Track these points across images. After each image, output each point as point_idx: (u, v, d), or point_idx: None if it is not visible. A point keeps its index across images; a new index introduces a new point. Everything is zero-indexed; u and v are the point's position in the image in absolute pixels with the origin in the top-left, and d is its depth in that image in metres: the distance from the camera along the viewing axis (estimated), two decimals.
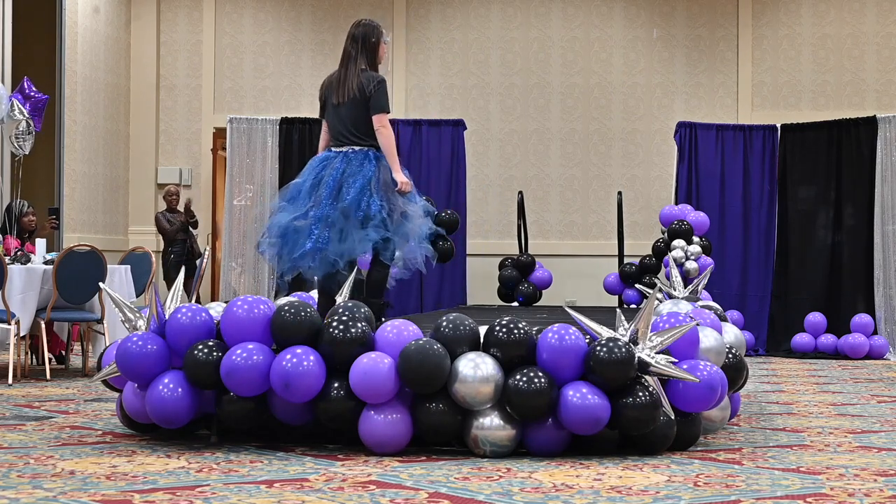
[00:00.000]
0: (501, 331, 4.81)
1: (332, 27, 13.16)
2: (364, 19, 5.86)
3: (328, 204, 5.56)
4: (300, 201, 5.64)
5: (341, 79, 5.70)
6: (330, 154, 5.73)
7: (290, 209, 5.63)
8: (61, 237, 11.19)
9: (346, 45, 5.77)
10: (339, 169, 5.63)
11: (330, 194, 5.58)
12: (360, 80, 5.69)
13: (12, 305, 7.78)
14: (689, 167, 11.35)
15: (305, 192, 5.66)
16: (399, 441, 4.74)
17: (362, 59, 5.72)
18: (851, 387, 7.93)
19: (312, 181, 5.67)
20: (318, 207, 5.57)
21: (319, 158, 5.75)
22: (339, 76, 5.73)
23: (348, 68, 5.70)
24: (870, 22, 12.67)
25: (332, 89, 5.74)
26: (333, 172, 5.62)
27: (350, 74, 5.69)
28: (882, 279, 10.81)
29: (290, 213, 5.62)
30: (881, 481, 4.15)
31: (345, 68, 5.72)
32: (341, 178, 5.60)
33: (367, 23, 5.81)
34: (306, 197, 5.63)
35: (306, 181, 5.71)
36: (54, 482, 4.04)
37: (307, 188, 5.66)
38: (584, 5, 12.96)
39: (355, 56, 5.71)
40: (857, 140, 11.11)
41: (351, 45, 5.73)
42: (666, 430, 4.79)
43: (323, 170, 5.67)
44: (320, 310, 5.51)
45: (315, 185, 5.65)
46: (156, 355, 4.89)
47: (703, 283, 6.82)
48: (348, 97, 5.66)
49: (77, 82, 11.85)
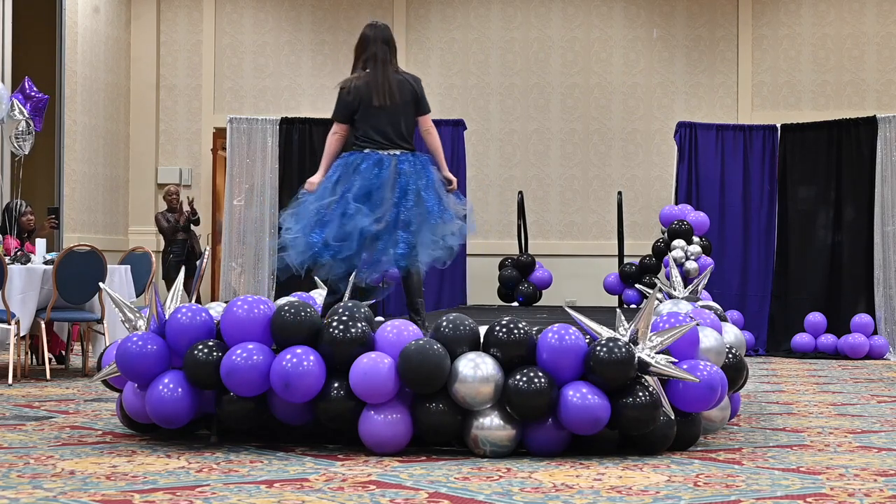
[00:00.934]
0: (501, 331, 4.81)
1: (332, 27, 13.16)
2: (378, 21, 5.77)
3: (405, 208, 5.46)
4: (369, 204, 5.46)
5: (380, 81, 5.55)
6: (378, 156, 5.55)
7: (366, 212, 5.44)
8: (61, 237, 11.19)
9: (375, 47, 5.62)
10: (405, 172, 5.51)
11: (403, 197, 5.47)
12: (409, 82, 5.64)
13: (12, 305, 7.78)
14: (689, 167, 11.35)
15: (362, 195, 5.48)
16: (399, 441, 4.74)
17: (395, 61, 5.66)
18: (851, 387, 7.93)
19: (369, 184, 5.49)
20: (394, 211, 5.44)
21: (369, 162, 5.54)
22: (377, 78, 5.56)
23: (386, 71, 5.57)
24: (870, 22, 12.67)
25: (371, 91, 5.54)
26: (399, 177, 5.49)
27: (390, 77, 5.57)
28: (882, 279, 10.80)
29: (367, 216, 5.43)
30: (881, 481, 4.15)
31: (380, 71, 5.57)
32: (407, 182, 5.49)
33: (386, 25, 5.75)
34: (365, 199, 5.47)
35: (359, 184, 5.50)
36: (54, 482, 4.04)
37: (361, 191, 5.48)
38: (584, 5, 12.96)
39: (389, 58, 5.61)
40: (857, 140, 11.10)
41: (381, 46, 5.60)
42: (666, 430, 4.79)
43: (379, 173, 5.50)
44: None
45: (373, 189, 5.48)
46: (156, 355, 4.89)
47: (703, 283, 6.82)
48: (397, 99, 5.55)
49: (77, 82, 11.85)
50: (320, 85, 13.11)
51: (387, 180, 5.45)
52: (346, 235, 5.42)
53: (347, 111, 5.58)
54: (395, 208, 5.44)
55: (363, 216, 5.39)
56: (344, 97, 5.58)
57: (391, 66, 5.59)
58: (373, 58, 5.59)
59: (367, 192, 5.45)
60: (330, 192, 5.52)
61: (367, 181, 5.47)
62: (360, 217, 5.40)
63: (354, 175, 5.47)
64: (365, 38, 5.65)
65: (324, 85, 13.12)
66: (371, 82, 5.56)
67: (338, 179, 5.51)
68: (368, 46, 5.61)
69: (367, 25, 5.73)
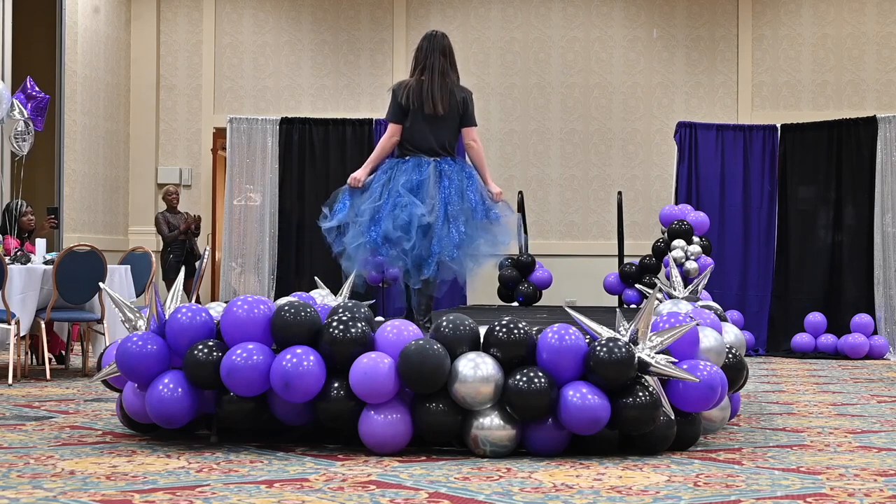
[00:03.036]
0: (501, 331, 4.81)
1: (332, 27, 13.16)
2: (437, 31, 5.89)
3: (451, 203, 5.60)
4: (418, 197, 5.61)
5: (434, 90, 5.70)
6: (418, 159, 5.71)
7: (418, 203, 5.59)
8: (61, 237, 11.19)
9: (434, 57, 5.76)
10: (446, 172, 5.68)
11: (448, 194, 5.62)
12: (463, 95, 5.77)
13: (12, 305, 7.78)
14: (689, 167, 11.35)
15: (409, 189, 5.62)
16: (399, 441, 4.74)
17: (453, 72, 5.79)
18: (851, 387, 7.93)
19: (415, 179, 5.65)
20: (442, 206, 5.59)
21: (410, 164, 5.70)
22: (431, 87, 5.71)
23: (443, 81, 5.72)
24: (870, 22, 12.67)
25: (422, 99, 5.69)
26: (441, 177, 5.65)
27: (445, 87, 5.72)
28: (882, 279, 10.81)
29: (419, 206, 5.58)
30: (881, 481, 4.15)
31: (436, 80, 5.72)
32: (450, 180, 5.65)
33: (444, 34, 5.87)
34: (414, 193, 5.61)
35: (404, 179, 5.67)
36: (54, 482, 4.04)
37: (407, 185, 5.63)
38: (584, 5, 12.96)
39: (447, 69, 5.75)
40: (857, 140, 11.11)
41: (438, 57, 5.75)
42: (666, 430, 4.79)
43: (421, 172, 5.66)
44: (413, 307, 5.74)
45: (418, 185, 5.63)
46: (156, 355, 4.89)
47: (703, 283, 6.82)
48: (446, 110, 5.70)
49: (77, 82, 11.85)
50: (320, 85, 13.12)
51: (429, 177, 5.61)
52: (402, 226, 5.56)
53: (400, 112, 5.74)
54: (442, 204, 5.57)
55: (415, 206, 5.54)
56: (397, 99, 5.73)
57: (446, 77, 5.73)
58: (429, 68, 5.73)
59: (413, 188, 5.61)
60: (378, 194, 5.68)
61: (411, 178, 5.64)
62: (412, 207, 5.55)
63: (399, 175, 5.66)
64: (422, 48, 5.81)
65: (324, 85, 13.13)
66: (423, 90, 5.71)
67: (384, 183, 5.68)
68: (426, 56, 5.76)
69: (426, 35, 5.88)
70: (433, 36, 5.81)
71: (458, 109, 5.72)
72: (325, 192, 11.79)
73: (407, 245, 5.57)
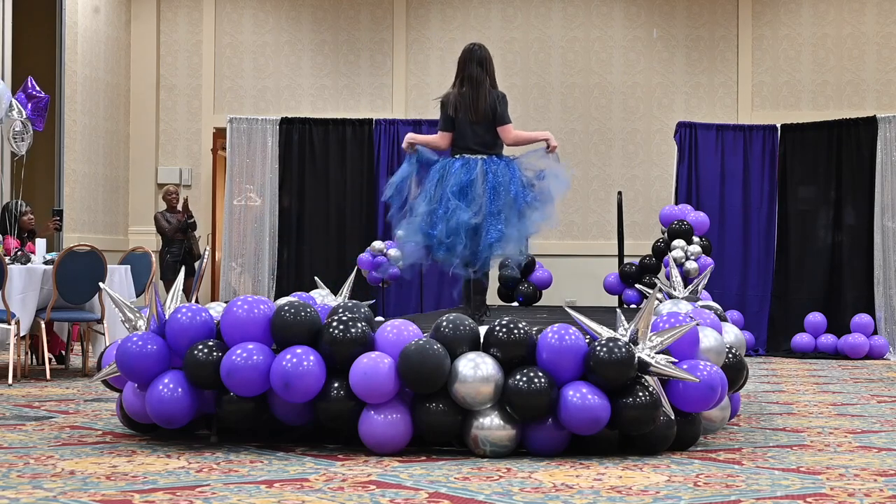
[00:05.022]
0: (501, 331, 4.81)
1: (332, 27, 13.16)
2: (476, 44, 6.54)
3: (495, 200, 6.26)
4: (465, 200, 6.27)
5: (474, 99, 6.38)
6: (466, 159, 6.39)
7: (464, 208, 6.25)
8: (61, 237, 11.19)
9: (471, 68, 6.43)
10: (492, 171, 6.34)
11: (493, 192, 6.27)
12: (492, 100, 6.43)
13: (12, 305, 7.78)
14: (689, 167, 11.35)
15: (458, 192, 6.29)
16: (399, 441, 4.74)
17: (488, 80, 6.44)
18: (851, 387, 7.93)
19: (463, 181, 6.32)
20: (487, 205, 6.25)
21: (459, 163, 6.37)
22: (472, 96, 6.38)
23: (479, 90, 6.39)
24: (870, 22, 12.67)
25: (463, 107, 6.39)
26: (487, 175, 6.32)
27: (482, 96, 6.39)
28: (882, 279, 10.81)
29: (466, 211, 6.24)
30: (881, 481, 4.15)
31: (475, 90, 6.39)
32: (495, 178, 6.32)
33: (482, 45, 6.52)
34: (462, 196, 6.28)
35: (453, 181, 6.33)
36: (54, 482, 4.04)
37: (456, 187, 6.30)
38: (584, 5, 12.96)
39: (483, 79, 6.42)
40: (857, 140, 11.11)
41: (476, 68, 6.42)
42: (666, 430, 4.79)
43: (470, 173, 6.33)
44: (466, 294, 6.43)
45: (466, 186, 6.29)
46: (156, 355, 4.89)
47: (703, 283, 6.82)
48: (483, 115, 6.39)
49: (77, 82, 11.86)
50: (320, 85, 13.12)
51: (477, 178, 6.29)
52: (453, 231, 6.22)
53: (449, 121, 6.47)
54: (488, 202, 6.23)
55: (462, 211, 6.22)
56: (444, 110, 6.47)
57: (482, 86, 6.40)
58: (469, 78, 6.42)
59: (462, 189, 6.29)
60: (433, 195, 6.37)
61: (459, 179, 6.33)
62: (460, 212, 6.22)
63: (449, 177, 6.34)
64: (463, 59, 6.49)
65: (324, 85, 13.13)
66: (464, 100, 6.42)
67: (437, 183, 6.36)
68: (466, 66, 6.46)
69: (467, 47, 6.51)
70: (473, 48, 6.48)
71: (492, 112, 6.38)
72: (325, 192, 11.83)
73: (459, 248, 6.24)
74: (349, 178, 11.71)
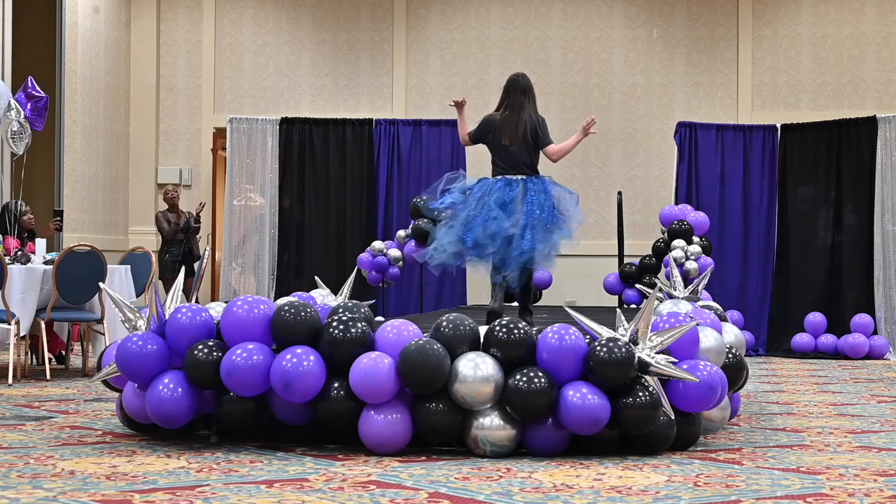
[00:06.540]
0: (501, 331, 4.81)
1: (332, 27, 13.16)
2: (520, 73, 6.90)
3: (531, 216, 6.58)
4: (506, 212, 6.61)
5: (514, 124, 6.74)
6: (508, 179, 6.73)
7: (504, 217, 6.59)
8: (61, 237, 11.19)
9: (513, 96, 6.80)
10: (530, 189, 6.69)
11: (530, 209, 6.61)
12: (534, 124, 6.79)
13: (12, 305, 7.78)
14: (689, 167, 11.35)
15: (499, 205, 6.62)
16: (399, 441, 4.74)
17: (530, 106, 6.82)
18: (851, 387, 7.94)
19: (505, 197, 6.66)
20: (524, 219, 6.58)
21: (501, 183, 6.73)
22: (510, 122, 6.74)
23: (518, 116, 6.75)
24: (870, 22, 12.67)
25: (501, 132, 6.75)
26: (527, 193, 6.68)
27: (521, 121, 6.75)
28: (882, 279, 10.81)
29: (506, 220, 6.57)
30: (881, 481, 4.16)
31: (514, 116, 6.75)
32: (533, 197, 6.66)
33: (524, 75, 6.89)
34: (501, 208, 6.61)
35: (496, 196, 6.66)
36: (54, 482, 4.05)
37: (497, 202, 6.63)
38: (584, 5, 12.96)
39: (524, 105, 6.80)
40: (857, 140, 11.11)
41: (521, 95, 6.79)
42: (666, 430, 4.79)
43: (511, 191, 6.68)
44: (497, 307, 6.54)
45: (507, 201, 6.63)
46: (156, 355, 4.89)
47: (703, 283, 6.82)
48: (522, 139, 6.75)
49: (77, 82, 11.85)
50: (320, 85, 13.12)
51: (517, 195, 6.65)
52: (491, 235, 6.54)
53: (479, 135, 6.90)
54: (525, 217, 6.57)
55: (503, 220, 6.56)
56: (483, 126, 6.86)
57: (523, 112, 6.78)
58: (512, 104, 6.79)
59: (503, 204, 6.64)
60: (473, 206, 6.68)
61: (501, 196, 6.68)
62: (501, 220, 6.57)
63: (492, 193, 6.70)
64: (508, 88, 6.86)
65: (324, 85, 13.13)
66: (504, 124, 6.78)
67: (480, 197, 6.69)
68: (510, 94, 6.82)
69: (512, 77, 6.87)
70: (517, 78, 6.86)
71: (532, 136, 6.76)
72: (325, 192, 11.84)
73: (491, 250, 6.54)
74: (349, 178, 11.71)
